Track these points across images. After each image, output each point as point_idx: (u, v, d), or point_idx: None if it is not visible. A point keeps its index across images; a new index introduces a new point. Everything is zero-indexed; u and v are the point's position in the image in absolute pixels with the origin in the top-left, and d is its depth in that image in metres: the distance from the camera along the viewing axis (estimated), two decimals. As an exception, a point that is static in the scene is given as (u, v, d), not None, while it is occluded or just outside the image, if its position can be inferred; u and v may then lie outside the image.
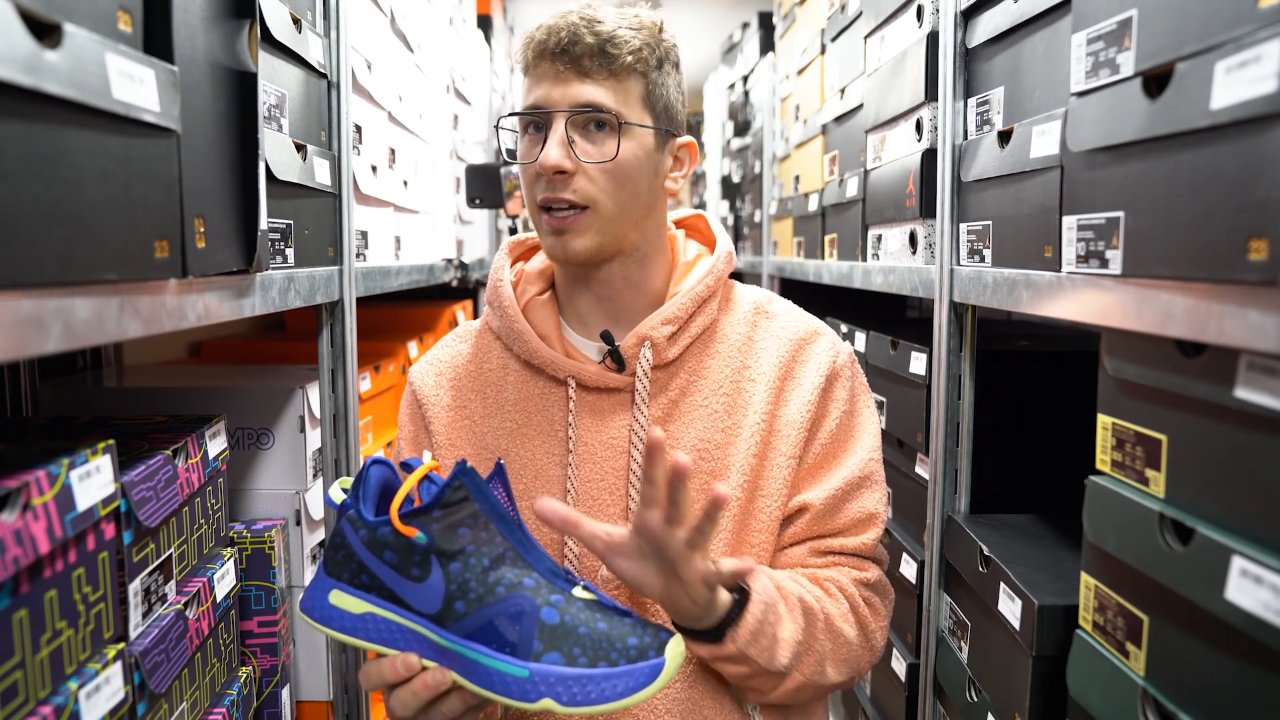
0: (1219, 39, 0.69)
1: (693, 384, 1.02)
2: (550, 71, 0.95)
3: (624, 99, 0.95)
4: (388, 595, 0.80)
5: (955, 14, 1.34)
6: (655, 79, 0.98)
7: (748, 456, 0.99)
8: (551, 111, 0.94)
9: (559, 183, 0.94)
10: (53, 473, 0.74)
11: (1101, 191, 0.88)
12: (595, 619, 0.79)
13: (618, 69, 0.94)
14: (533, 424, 1.02)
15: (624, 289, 1.02)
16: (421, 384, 1.08)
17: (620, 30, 0.94)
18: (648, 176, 0.99)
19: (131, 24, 0.73)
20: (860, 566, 1.04)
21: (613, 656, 0.77)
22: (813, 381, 1.02)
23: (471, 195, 2.28)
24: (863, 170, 1.86)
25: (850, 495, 1.02)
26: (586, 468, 1.00)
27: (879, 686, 1.77)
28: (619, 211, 0.96)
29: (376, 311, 2.29)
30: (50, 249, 0.61)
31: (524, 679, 0.76)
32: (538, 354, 1.02)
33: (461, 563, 0.78)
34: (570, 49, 0.93)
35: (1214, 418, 0.76)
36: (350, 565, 0.81)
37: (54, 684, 0.75)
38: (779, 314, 1.07)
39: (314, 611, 0.82)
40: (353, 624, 0.80)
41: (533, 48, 0.96)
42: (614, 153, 0.94)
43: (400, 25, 1.77)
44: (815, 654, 0.95)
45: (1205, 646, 0.76)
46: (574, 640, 0.77)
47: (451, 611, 0.78)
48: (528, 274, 1.09)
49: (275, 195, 1.10)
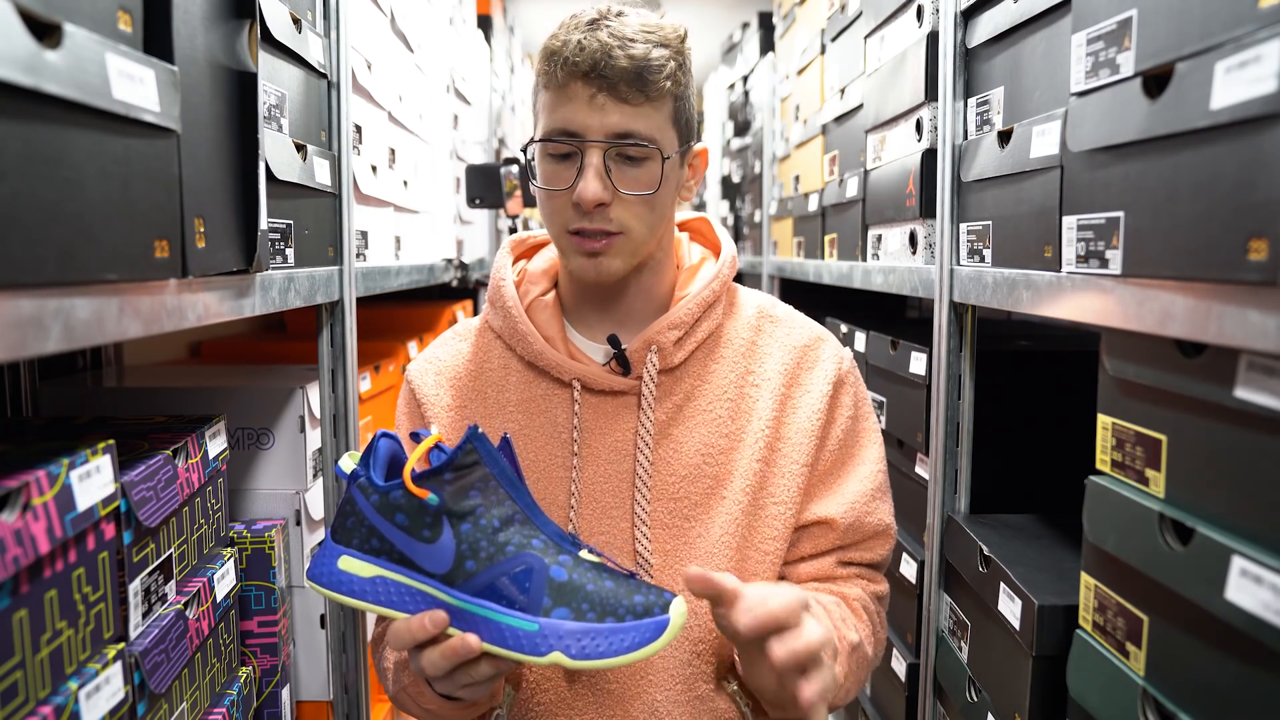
0: (1219, 39, 0.69)
1: (698, 389, 1.02)
2: (583, 94, 0.90)
3: (659, 125, 0.93)
4: (398, 558, 0.81)
5: (955, 14, 1.34)
6: (684, 95, 0.96)
7: (752, 462, 0.99)
8: (588, 142, 0.91)
9: (597, 214, 0.92)
10: (53, 473, 0.74)
11: (1101, 191, 0.88)
12: (602, 578, 0.81)
13: (653, 94, 0.91)
14: (536, 425, 1.02)
15: (633, 294, 1.03)
16: (420, 383, 1.07)
17: (653, 53, 0.90)
18: (673, 192, 0.99)
19: (131, 24, 0.73)
20: (875, 579, 1.06)
21: (619, 612, 0.78)
22: (820, 389, 1.03)
23: (471, 195, 2.28)
24: (863, 170, 1.86)
25: (867, 509, 1.03)
26: (591, 470, 1.00)
27: (879, 686, 1.77)
28: (649, 234, 0.96)
29: (376, 311, 2.29)
30: (50, 249, 0.61)
31: (534, 633, 0.78)
32: (542, 355, 1.01)
33: (472, 523, 0.80)
34: (605, 73, 0.89)
35: (1214, 418, 0.76)
36: (360, 530, 0.82)
37: (54, 684, 0.75)
38: (783, 319, 1.08)
39: (321, 578, 0.82)
40: (361, 587, 0.81)
41: (563, 67, 0.90)
42: (655, 184, 0.93)
43: (400, 25, 1.77)
44: (845, 686, 0.96)
45: (1205, 646, 0.76)
46: (582, 596, 0.79)
47: (462, 570, 0.79)
48: (531, 274, 1.08)
49: (275, 195, 1.09)
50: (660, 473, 0.99)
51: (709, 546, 0.98)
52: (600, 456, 1.00)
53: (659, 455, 0.99)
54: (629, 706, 0.97)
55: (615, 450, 1.00)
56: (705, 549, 0.97)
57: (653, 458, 0.99)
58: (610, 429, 1.00)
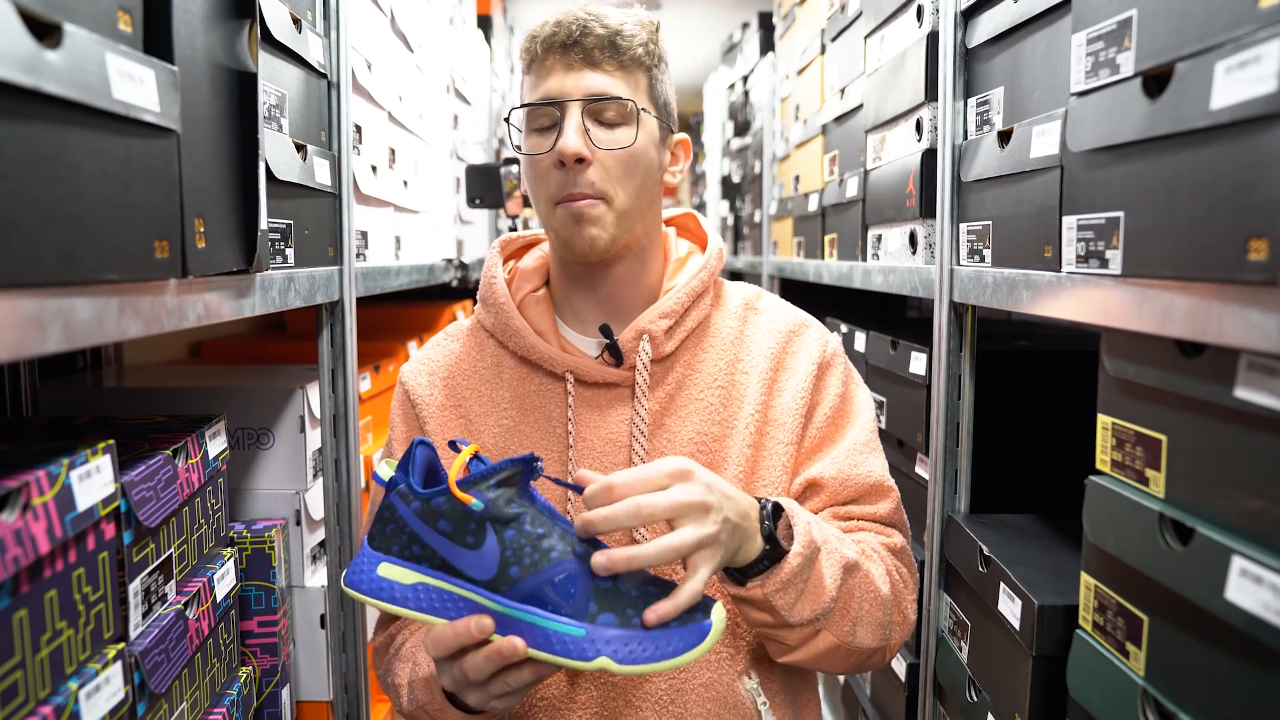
0: (1219, 39, 0.69)
1: (688, 378, 1.03)
2: (561, 63, 0.96)
3: (634, 90, 0.98)
4: (440, 565, 0.81)
5: (955, 14, 1.34)
6: (657, 74, 1.01)
7: (744, 447, 1.00)
8: (566, 101, 0.95)
9: (576, 172, 0.95)
10: (53, 473, 0.74)
11: (1101, 191, 0.88)
12: (645, 583, 0.81)
13: (626, 61, 0.97)
14: (530, 420, 1.02)
15: (624, 285, 1.04)
16: (414, 383, 1.08)
17: (627, 25, 0.97)
18: (654, 169, 1.01)
19: (131, 24, 0.73)
20: (885, 532, 1.04)
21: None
22: (805, 370, 1.04)
23: (471, 195, 2.28)
24: (863, 170, 1.86)
25: (853, 461, 1.03)
26: (586, 462, 1.00)
27: (879, 686, 1.77)
28: (630, 204, 0.98)
29: (376, 311, 2.29)
30: (50, 249, 0.61)
31: (581, 638, 0.78)
32: (535, 349, 1.02)
33: (516, 529, 0.80)
34: (581, 40, 0.95)
35: (1214, 418, 0.76)
36: (400, 537, 0.82)
37: (54, 684, 0.75)
38: (767, 309, 1.09)
39: (361, 584, 0.82)
40: (403, 594, 0.81)
41: (540, 42, 0.97)
42: (631, 139, 0.96)
43: (400, 25, 1.77)
44: (851, 615, 0.94)
45: (1205, 646, 0.76)
46: (627, 602, 0.79)
47: (506, 577, 0.80)
48: (522, 271, 1.09)
49: (275, 195, 1.10)
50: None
51: None
52: (595, 449, 1.00)
53: (654, 445, 1.00)
54: (631, 696, 0.97)
55: (610, 442, 1.00)
56: None
57: (648, 446, 0.99)
58: (605, 421, 1.01)
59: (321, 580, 1.39)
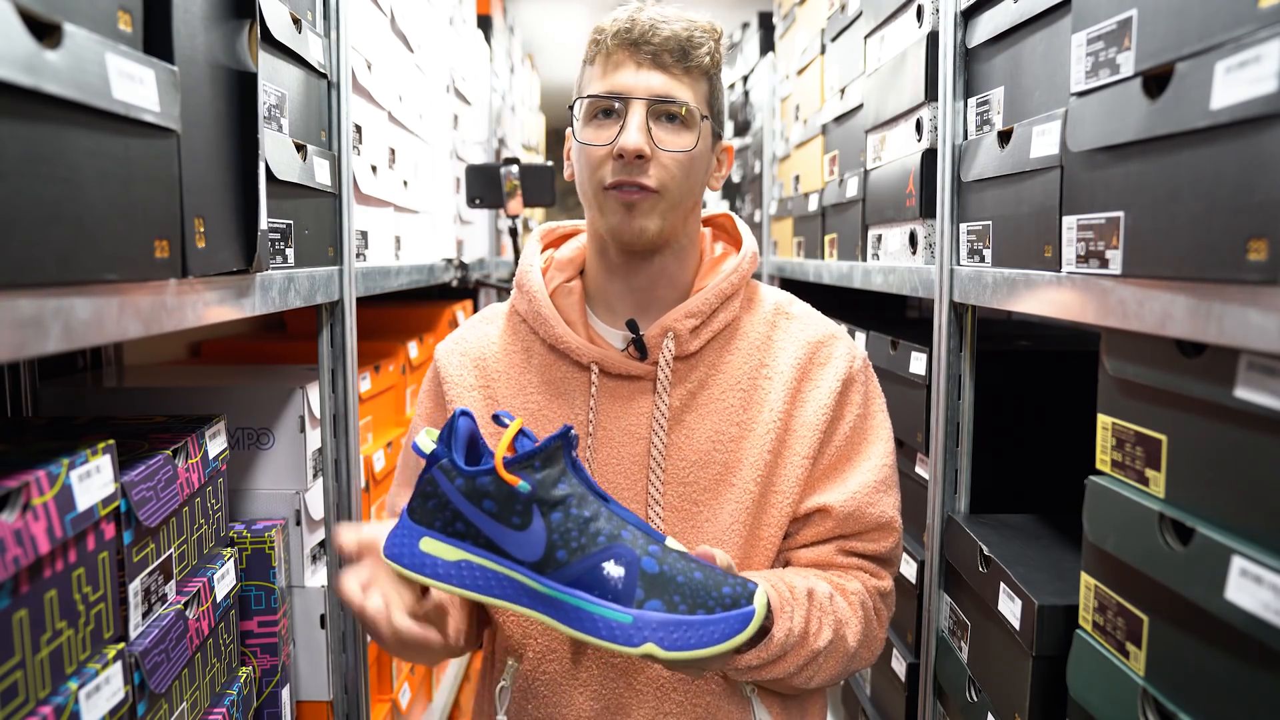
0: (1219, 39, 0.69)
1: (712, 377, 1.04)
2: (630, 60, 0.98)
3: (696, 95, 1.00)
4: (484, 543, 0.81)
5: (955, 14, 1.34)
6: (716, 82, 1.03)
7: (762, 452, 1.01)
8: (632, 98, 0.97)
9: (635, 167, 0.97)
10: (53, 473, 0.74)
11: (1101, 191, 0.88)
12: (691, 569, 0.81)
13: (692, 66, 0.99)
14: (554, 407, 1.04)
15: (659, 280, 1.05)
16: (446, 362, 1.10)
17: (696, 33, 0.99)
18: (704, 173, 1.03)
19: (131, 24, 0.73)
20: (878, 574, 1.06)
21: (709, 604, 0.79)
22: (829, 385, 1.04)
23: (471, 195, 2.28)
24: (863, 170, 1.86)
25: (870, 500, 1.03)
26: (605, 451, 1.02)
27: (879, 686, 1.77)
28: (681, 200, 1.00)
29: (376, 311, 2.29)
30: (50, 249, 0.61)
31: (628, 624, 0.78)
32: (562, 339, 1.04)
33: (563, 513, 0.80)
34: (651, 41, 0.97)
35: (1214, 418, 0.76)
36: (443, 513, 0.82)
37: (54, 684, 0.75)
38: (799, 316, 1.10)
39: (403, 558, 0.82)
40: (446, 570, 0.81)
41: (613, 35, 0.98)
42: (691, 144, 0.98)
43: (400, 25, 1.77)
44: (807, 675, 0.97)
45: (1205, 646, 0.76)
46: (674, 588, 0.79)
47: (553, 560, 0.80)
48: (558, 261, 1.11)
49: (275, 195, 1.10)
50: (673, 457, 1.01)
51: (717, 531, 1.00)
52: (615, 439, 1.02)
53: (672, 440, 1.01)
54: (633, 679, 0.98)
55: (629, 434, 1.02)
56: (713, 534, 1.00)
57: (666, 441, 1.01)
58: (625, 413, 1.02)
59: (321, 580, 1.39)
